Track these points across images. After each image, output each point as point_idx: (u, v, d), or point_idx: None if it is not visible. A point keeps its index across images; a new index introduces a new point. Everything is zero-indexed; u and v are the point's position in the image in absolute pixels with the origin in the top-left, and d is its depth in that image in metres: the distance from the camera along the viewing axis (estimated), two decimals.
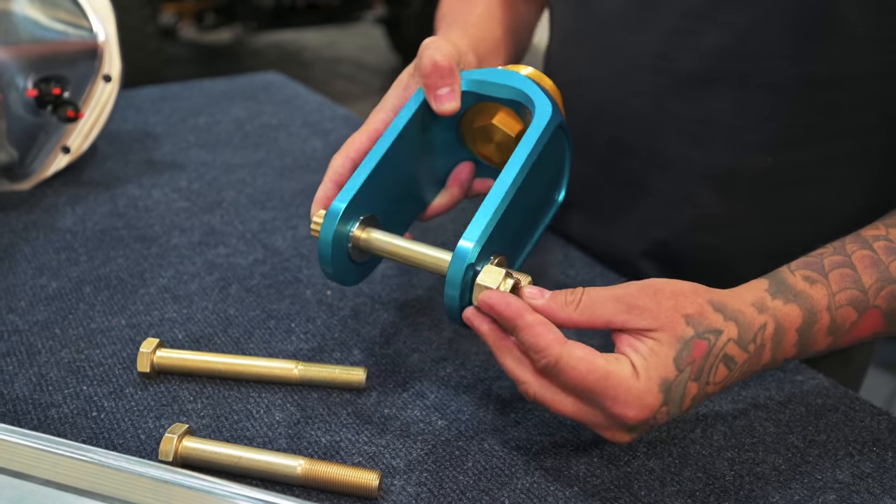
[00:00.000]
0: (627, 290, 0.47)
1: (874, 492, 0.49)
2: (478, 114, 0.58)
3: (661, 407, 0.45)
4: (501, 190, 0.50)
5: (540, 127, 0.52)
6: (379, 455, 0.51)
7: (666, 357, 0.45)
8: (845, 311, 0.50)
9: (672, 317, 0.46)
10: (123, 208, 0.80)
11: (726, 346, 0.46)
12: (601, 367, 0.44)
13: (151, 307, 0.64)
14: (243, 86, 1.17)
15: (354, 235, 0.52)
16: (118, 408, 0.54)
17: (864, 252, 0.51)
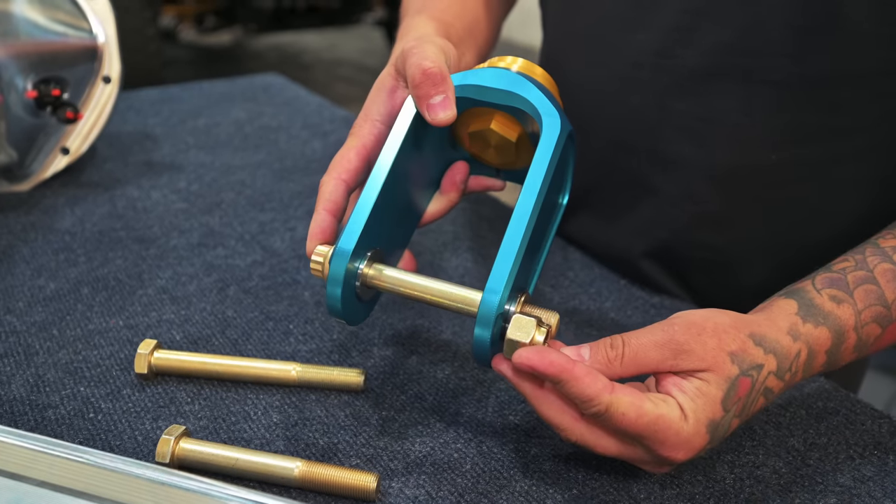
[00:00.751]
0: (670, 335, 0.45)
1: (875, 495, 0.49)
2: (472, 117, 0.55)
3: (707, 445, 0.45)
4: (520, 227, 0.47)
5: (551, 145, 0.49)
6: (377, 457, 0.50)
7: (714, 398, 0.44)
8: (870, 329, 0.50)
9: (717, 356, 0.45)
10: (122, 209, 0.80)
11: (767, 379, 0.46)
12: (651, 412, 0.43)
13: (149, 308, 0.64)
14: (243, 87, 1.17)
15: (363, 273, 0.49)
16: (115, 409, 0.53)
17: (886, 266, 0.51)
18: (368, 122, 0.54)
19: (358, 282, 0.49)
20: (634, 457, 0.46)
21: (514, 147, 0.55)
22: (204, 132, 1.00)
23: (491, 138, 0.55)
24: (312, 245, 0.50)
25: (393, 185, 0.51)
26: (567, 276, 0.71)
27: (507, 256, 0.46)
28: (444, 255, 0.74)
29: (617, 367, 0.45)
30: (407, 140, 0.51)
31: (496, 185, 0.60)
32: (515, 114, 0.53)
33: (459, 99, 0.51)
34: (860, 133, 0.61)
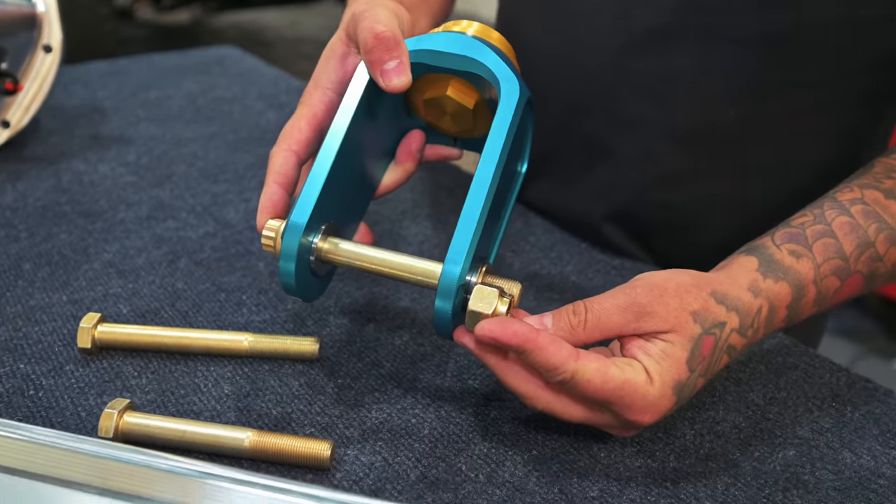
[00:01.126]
0: (632, 298, 0.44)
1: (833, 446, 0.49)
2: (427, 83, 0.52)
3: (673, 406, 0.44)
4: (480, 196, 0.46)
5: (510, 111, 0.48)
6: (332, 425, 0.49)
7: (679, 359, 0.44)
8: (829, 281, 0.49)
9: (680, 317, 0.44)
10: (67, 184, 0.77)
11: (730, 336, 0.46)
12: (617, 378, 0.42)
13: (95, 283, 0.62)
14: (196, 60, 1.14)
15: (317, 248, 0.47)
16: (57, 385, 0.51)
17: (844, 219, 0.51)
18: (319, 91, 0.52)
19: (312, 256, 0.47)
20: (601, 422, 0.45)
21: (472, 114, 0.54)
22: (155, 105, 0.97)
23: (447, 105, 0.53)
24: (263, 219, 0.48)
25: (346, 156, 0.49)
26: (528, 241, 0.70)
27: (466, 226, 0.45)
28: (402, 223, 0.73)
29: (580, 334, 0.44)
30: (360, 108, 0.49)
31: (453, 153, 0.58)
32: (472, 80, 0.52)
33: (414, 65, 0.49)
34: (820, 87, 0.60)
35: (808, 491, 0.46)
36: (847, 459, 0.48)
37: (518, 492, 0.45)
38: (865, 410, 0.52)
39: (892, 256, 0.50)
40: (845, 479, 0.47)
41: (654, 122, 0.64)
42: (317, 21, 4.59)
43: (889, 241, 0.50)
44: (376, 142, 0.54)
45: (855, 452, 0.49)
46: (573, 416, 0.45)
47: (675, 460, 0.47)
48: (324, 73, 0.52)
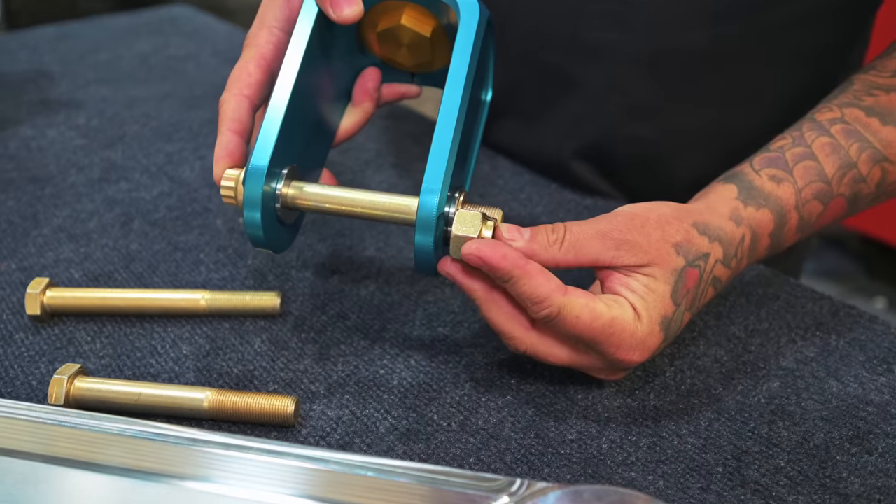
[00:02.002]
0: (613, 224, 0.42)
1: (819, 375, 0.47)
2: (380, 14, 0.49)
3: (661, 343, 0.43)
4: (450, 122, 0.43)
5: (471, 32, 0.45)
6: (297, 381, 0.47)
7: (663, 293, 0.42)
8: (812, 206, 0.47)
9: (662, 248, 0.42)
10: (14, 150, 0.73)
11: (714, 268, 0.44)
12: (605, 315, 0.40)
13: (45, 249, 0.59)
14: (148, 20, 1.09)
15: (282, 193, 0.44)
16: (6, 354, 0.49)
17: (824, 139, 0.48)
18: (265, 30, 0.48)
19: (278, 203, 0.44)
20: (587, 364, 0.43)
21: (429, 44, 0.50)
22: (105, 66, 0.93)
23: (403, 36, 0.50)
24: (220, 169, 0.45)
25: (301, 97, 0.46)
26: (496, 185, 0.67)
27: (440, 155, 0.42)
28: (366, 172, 0.70)
29: (556, 251, 0.41)
30: (311, 45, 0.46)
31: (412, 91, 0.55)
32: (428, 5, 0.48)
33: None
34: (784, 6, 0.57)
35: (795, 422, 0.44)
36: (833, 388, 0.46)
37: (493, 438, 0.43)
38: (850, 338, 0.50)
39: (875, 176, 0.48)
40: (832, 409, 0.45)
41: (619, 49, 0.61)
42: None
43: (872, 160, 0.48)
44: (331, 83, 0.51)
45: (841, 381, 0.47)
46: (558, 359, 0.43)
47: (656, 398, 0.46)
48: (269, 10, 0.49)
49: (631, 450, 0.42)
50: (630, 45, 0.60)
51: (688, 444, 0.43)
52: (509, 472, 0.41)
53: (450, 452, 0.42)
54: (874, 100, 0.49)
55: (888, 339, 0.50)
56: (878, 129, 0.48)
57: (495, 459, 0.42)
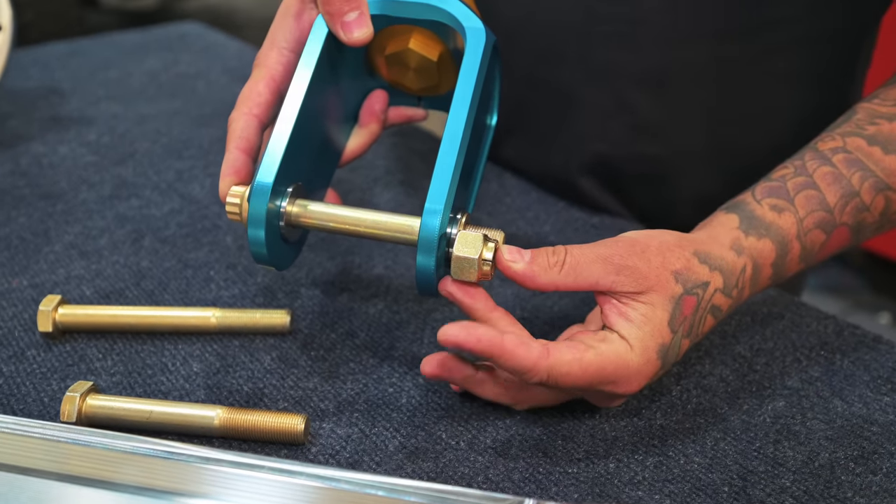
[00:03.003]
0: (614, 250, 0.43)
1: (823, 395, 0.48)
2: (388, 38, 0.50)
3: (659, 371, 0.43)
4: (454, 144, 0.44)
5: (477, 56, 0.46)
6: (306, 399, 0.47)
7: (661, 322, 0.42)
8: (814, 235, 0.48)
9: (661, 275, 0.43)
10: (26, 166, 0.74)
11: (713, 297, 0.44)
12: (594, 362, 0.41)
13: (56, 265, 0.59)
14: (158, 37, 1.10)
15: (286, 211, 0.45)
16: (18, 371, 0.49)
17: (825, 169, 0.48)
18: (275, 51, 0.49)
19: (282, 221, 0.45)
20: (590, 398, 0.45)
21: (436, 68, 0.51)
22: (116, 83, 0.94)
23: (410, 60, 0.51)
24: (226, 186, 0.46)
25: (309, 116, 0.47)
26: (504, 203, 0.68)
27: (443, 176, 0.43)
28: (374, 190, 0.71)
29: (556, 274, 0.42)
30: (320, 65, 0.47)
31: (418, 114, 0.56)
32: (435, 30, 0.49)
33: (375, 16, 0.47)
34: (789, 25, 0.58)
35: (800, 442, 0.44)
36: (838, 408, 0.47)
37: (501, 457, 0.43)
38: (854, 357, 0.51)
39: (879, 205, 0.48)
40: (837, 428, 0.45)
41: (626, 68, 0.62)
42: None
43: (874, 189, 0.48)
44: (339, 104, 0.52)
45: (846, 400, 0.47)
46: (564, 400, 0.45)
47: (662, 417, 0.46)
48: (279, 31, 0.50)
49: (638, 469, 0.43)
50: (636, 64, 0.61)
51: (694, 463, 0.43)
52: (517, 491, 0.41)
53: (458, 471, 0.42)
54: (877, 129, 0.49)
55: (892, 359, 0.50)
56: (880, 158, 0.48)
57: (503, 478, 0.42)
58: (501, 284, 0.57)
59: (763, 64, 0.60)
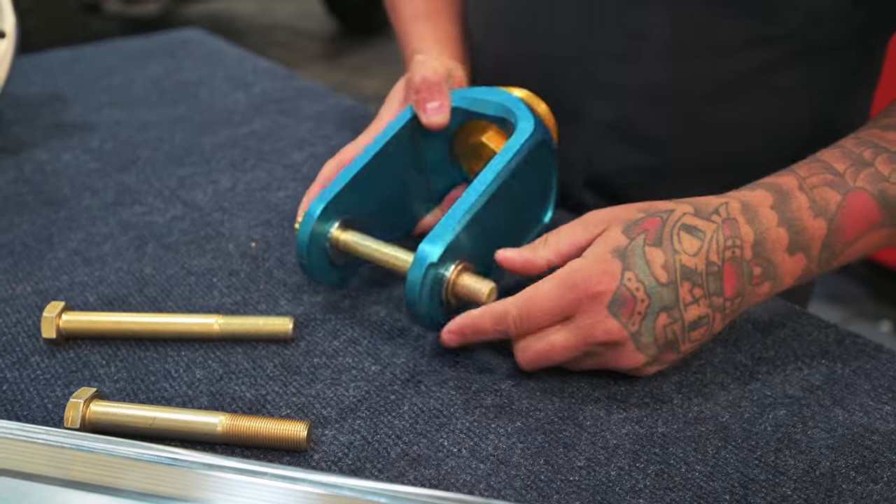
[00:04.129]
0: (585, 216, 0.49)
1: (825, 403, 0.48)
2: (469, 132, 0.58)
3: (626, 272, 0.44)
4: (471, 196, 0.50)
5: (520, 139, 0.53)
6: (308, 406, 0.47)
7: (612, 234, 0.46)
8: (823, 192, 0.47)
9: (624, 211, 0.47)
10: (30, 173, 0.74)
11: (682, 218, 0.46)
12: (552, 277, 0.46)
13: (60, 272, 0.60)
14: (161, 43, 1.11)
15: (332, 236, 0.52)
16: (22, 378, 0.49)
17: (833, 150, 0.49)
18: (379, 122, 0.60)
19: (328, 243, 0.52)
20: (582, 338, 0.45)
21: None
22: (119, 90, 0.94)
23: (483, 151, 0.58)
24: (301, 212, 0.55)
25: (380, 169, 0.54)
26: None
27: (449, 218, 0.48)
28: None
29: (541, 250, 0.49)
30: (401, 135, 0.56)
31: None
32: (505, 128, 0.56)
33: (455, 109, 0.56)
34: (789, 40, 0.59)
35: (801, 450, 0.45)
36: (839, 416, 0.47)
37: (503, 465, 0.43)
38: (856, 366, 0.51)
39: None
40: (838, 437, 0.46)
41: (628, 84, 0.62)
42: (289, 8, 4.53)
43: (891, 161, 0.47)
44: (424, 185, 0.60)
45: (847, 409, 0.47)
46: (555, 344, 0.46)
47: (663, 425, 0.46)
48: (386, 109, 0.60)
49: (639, 477, 0.43)
50: (637, 78, 0.61)
51: (695, 471, 0.43)
52: (519, 499, 0.41)
53: (460, 478, 0.42)
54: (891, 120, 0.50)
55: (893, 368, 0.51)
56: (894, 139, 0.48)
57: (505, 486, 0.42)
58: None
59: (762, 78, 0.60)
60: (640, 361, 0.46)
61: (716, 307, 0.46)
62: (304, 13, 4.42)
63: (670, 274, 0.44)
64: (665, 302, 0.45)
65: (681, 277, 0.45)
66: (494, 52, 0.69)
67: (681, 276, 0.45)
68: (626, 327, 0.45)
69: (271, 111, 0.88)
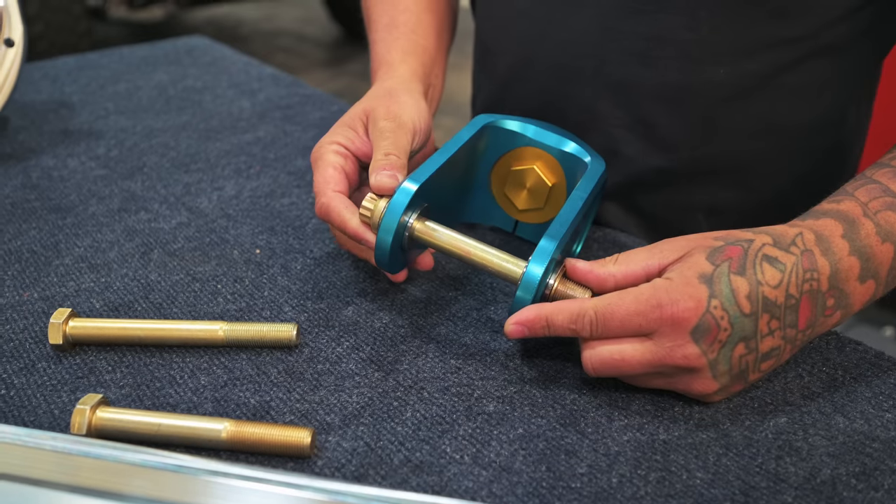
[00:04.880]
0: (658, 243, 0.49)
1: (825, 411, 0.48)
2: (518, 157, 0.59)
3: (712, 300, 0.44)
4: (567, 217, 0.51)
5: (595, 175, 0.55)
6: (312, 412, 0.48)
7: (696, 259, 0.46)
8: (887, 216, 0.47)
9: (702, 239, 0.47)
10: (37, 180, 0.75)
11: (763, 248, 0.46)
12: (634, 291, 0.45)
13: (66, 278, 0.60)
14: (166, 51, 1.12)
15: (413, 225, 0.52)
16: (29, 383, 0.50)
17: (883, 170, 0.50)
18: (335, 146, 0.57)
19: (406, 232, 0.51)
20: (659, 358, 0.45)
21: (548, 193, 0.59)
22: (124, 97, 0.95)
23: (528, 179, 0.59)
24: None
25: (451, 168, 0.55)
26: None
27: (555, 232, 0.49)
28: None
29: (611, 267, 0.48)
30: (472, 142, 0.57)
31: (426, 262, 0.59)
32: (561, 159, 0.58)
33: (516, 134, 0.58)
34: (805, 40, 0.59)
35: (802, 458, 0.45)
36: (840, 424, 0.47)
37: (505, 472, 0.44)
38: (856, 374, 0.51)
39: None
40: (839, 445, 0.46)
41: (644, 85, 0.62)
42: (293, 13, 4.54)
43: None
44: (462, 188, 0.60)
45: (847, 416, 0.48)
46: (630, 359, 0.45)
47: (665, 433, 0.46)
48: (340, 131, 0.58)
49: (640, 484, 0.43)
50: (654, 80, 0.62)
51: (696, 478, 0.43)
52: None
53: (462, 485, 0.43)
54: None
55: (894, 376, 0.51)
56: None
57: (507, 492, 0.42)
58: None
59: (778, 79, 0.60)
60: (713, 388, 0.46)
61: (788, 339, 0.46)
62: (307, 19, 4.44)
63: (753, 305, 0.45)
64: (745, 332, 0.45)
65: (762, 309, 0.45)
66: (509, 56, 0.69)
67: (762, 308, 0.45)
68: (705, 354, 0.45)
69: (276, 118, 0.89)
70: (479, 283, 0.60)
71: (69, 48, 2.95)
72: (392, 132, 0.55)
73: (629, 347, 0.45)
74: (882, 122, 0.79)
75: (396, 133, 0.55)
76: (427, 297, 0.58)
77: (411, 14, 0.69)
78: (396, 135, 0.55)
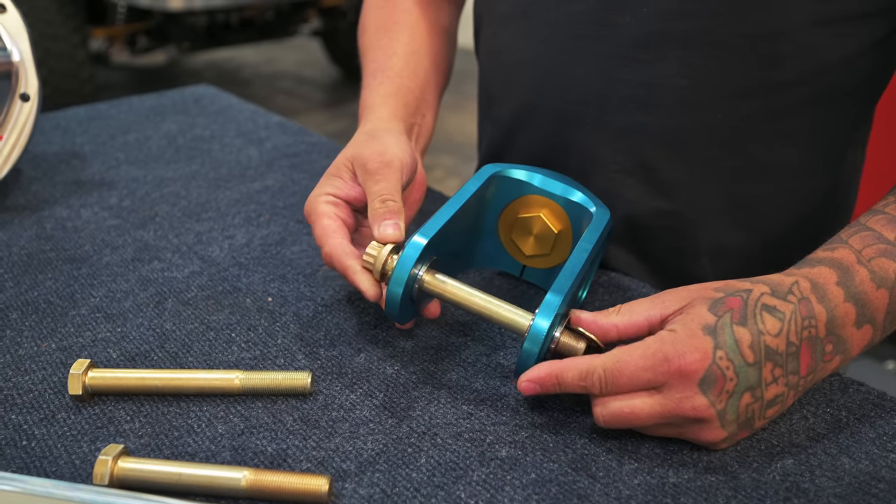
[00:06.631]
0: (659, 294, 0.50)
1: (831, 452, 0.49)
2: (525, 204, 0.61)
3: (717, 351, 0.45)
4: (577, 263, 0.53)
5: (600, 224, 0.57)
6: (328, 459, 0.49)
7: (699, 311, 0.47)
8: (881, 263, 0.49)
9: (702, 290, 0.49)
10: (51, 230, 0.77)
11: (761, 298, 0.47)
12: (641, 345, 0.46)
13: (83, 328, 0.61)
14: (174, 100, 1.14)
15: (422, 277, 0.54)
16: (50, 434, 0.51)
17: (877, 217, 0.51)
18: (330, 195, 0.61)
19: (416, 284, 0.54)
20: (668, 409, 0.46)
21: (554, 239, 0.61)
22: (135, 147, 0.97)
23: (535, 226, 0.61)
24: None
25: (460, 217, 0.57)
26: None
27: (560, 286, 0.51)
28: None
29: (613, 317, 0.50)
30: (479, 193, 0.58)
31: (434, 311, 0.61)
32: (567, 207, 0.60)
33: (523, 183, 0.60)
34: (800, 86, 0.61)
35: (810, 499, 0.46)
36: (846, 465, 0.48)
37: None
38: (860, 414, 0.52)
39: None
40: (845, 486, 0.47)
41: (643, 130, 0.64)
42: (293, 56, 4.62)
43: None
44: (467, 237, 0.62)
45: (853, 457, 0.49)
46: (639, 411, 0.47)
47: (674, 476, 0.47)
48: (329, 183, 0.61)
49: None
50: (653, 125, 0.64)
51: None
52: None
53: None
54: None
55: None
56: None
57: None
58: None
59: (775, 123, 0.62)
60: (721, 437, 0.47)
61: (791, 385, 0.48)
62: (306, 62, 4.50)
63: (756, 354, 0.46)
64: (751, 382, 0.46)
65: (765, 357, 0.46)
66: (513, 103, 0.72)
67: (765, 357, 0.46)
68: (713, 405, 0.46)
69: (284, 166, 0.91)
70: (487, 329, 0.62)
71: (72, 93, 2.99)
72: (381, 173, 0.58)
73: (639, 402, 0.47)
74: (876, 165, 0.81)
75: (385, 173, 0.58)
76: (437, 343, 0.60)
77: (398, 58, 0.72)
78: (386, 175, 0.58)
